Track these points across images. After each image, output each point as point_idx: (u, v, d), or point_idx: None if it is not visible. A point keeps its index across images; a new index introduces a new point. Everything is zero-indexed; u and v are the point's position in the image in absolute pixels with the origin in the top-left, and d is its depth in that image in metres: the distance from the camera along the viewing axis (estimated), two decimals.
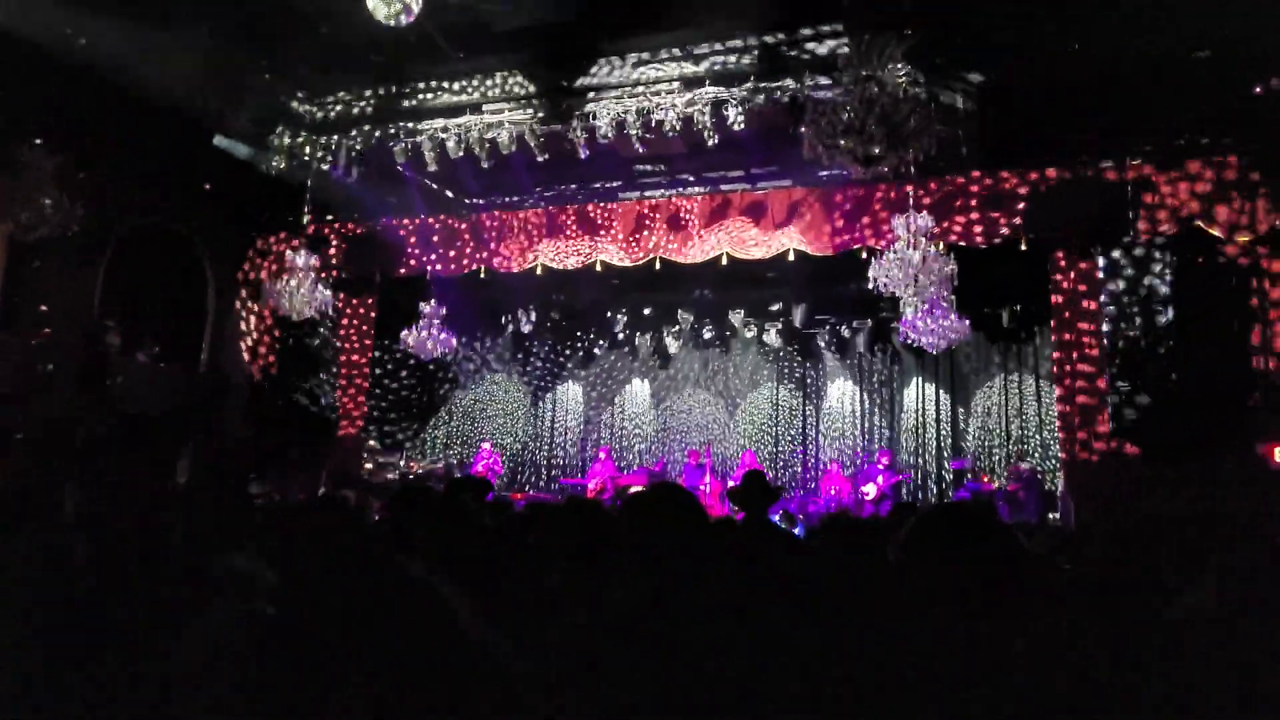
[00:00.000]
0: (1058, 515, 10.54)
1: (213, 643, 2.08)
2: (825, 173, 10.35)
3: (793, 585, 2.46)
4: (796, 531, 9.28)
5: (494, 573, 2.80)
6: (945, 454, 13.52)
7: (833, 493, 12.83)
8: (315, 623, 1.84)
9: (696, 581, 2.13)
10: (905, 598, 2.03)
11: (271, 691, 1.80)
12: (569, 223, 11.52)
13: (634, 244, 11.18)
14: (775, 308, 13.92)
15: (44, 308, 10.15)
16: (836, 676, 1.85)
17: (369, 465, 13.29)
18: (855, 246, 10.21)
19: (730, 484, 11.93)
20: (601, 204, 11.51)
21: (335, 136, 10.83)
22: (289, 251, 11.26)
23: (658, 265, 11.20)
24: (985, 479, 12.36)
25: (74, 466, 8.37)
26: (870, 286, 8.96)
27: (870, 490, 12.51)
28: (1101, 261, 9.64)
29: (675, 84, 9.59)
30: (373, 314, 12.98)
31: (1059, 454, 10.94)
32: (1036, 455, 12.81)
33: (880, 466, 12.80)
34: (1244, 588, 2.30)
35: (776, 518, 9.59)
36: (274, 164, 10.88)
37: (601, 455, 14.16)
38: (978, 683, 1.78)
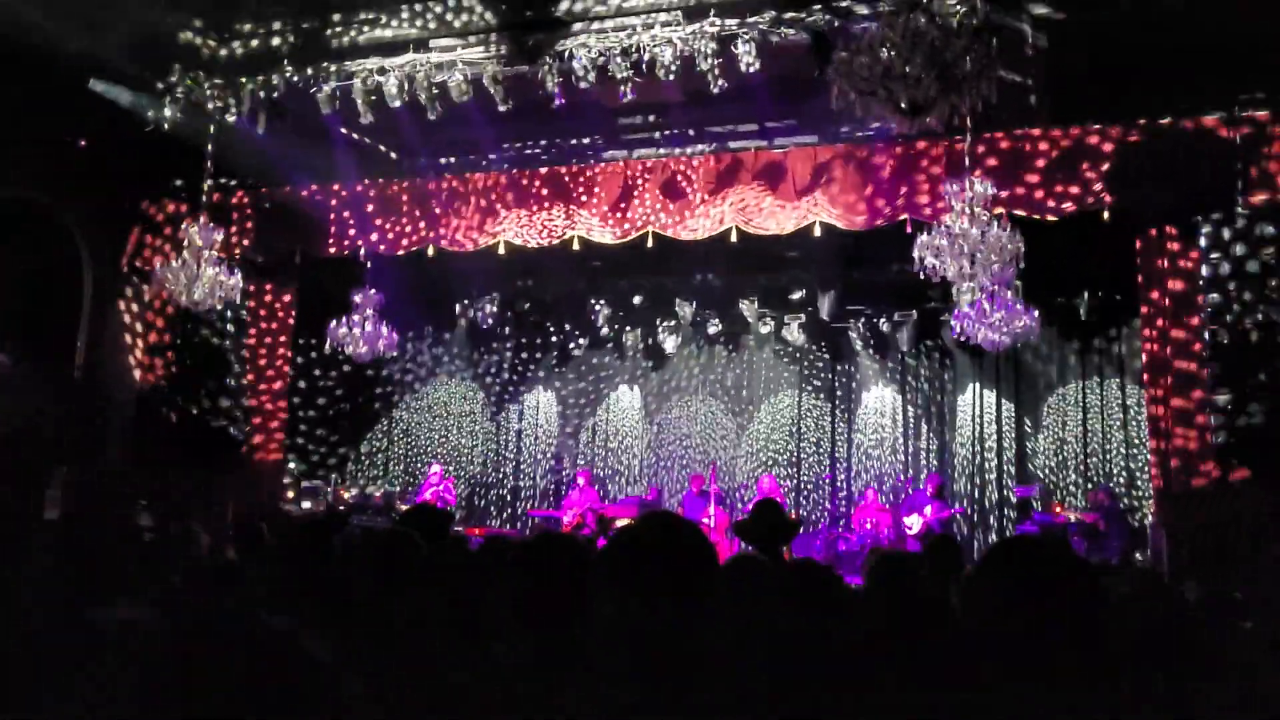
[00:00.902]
0: (1146, 554, 10.61)
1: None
2: (860, 127, 10.34)
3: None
4: None
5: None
6: (1008, 478, 13.54)
7: (868, 526, 12.86)
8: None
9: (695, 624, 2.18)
10: (961, 647, 2.11)
11: None
12: (539, 189, 11.49)
13: (620, 216, 11.17)
14: (797, 296, 13.89)
15: None
16: None
17: (289, 493, 13.35)
18: (897, 219, 10.23)
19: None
20: (580, 166, 11.49)
21: (244, 80, 10.74)
22: (186, 226, 11.16)
23: (650, 242, 11.19)
24: (1057, 509, 12.40)
25: None
26: (916, 269, 8.97)
27: (914, 524, 12.57)
28: (1204, 238, 9.67)
29: (673, 14, 9.57)
30: (292, 305, 12.94)
31: (1150, 478, 10.97)
32: (1121, 480, 12.85)
33: (928, 494, 12.85)
34: None
35: None
36: (167, 115, 10.80)
37: (580, 480, 14.11)
38: None
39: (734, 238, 10.85)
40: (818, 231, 10.60)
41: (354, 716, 2.07)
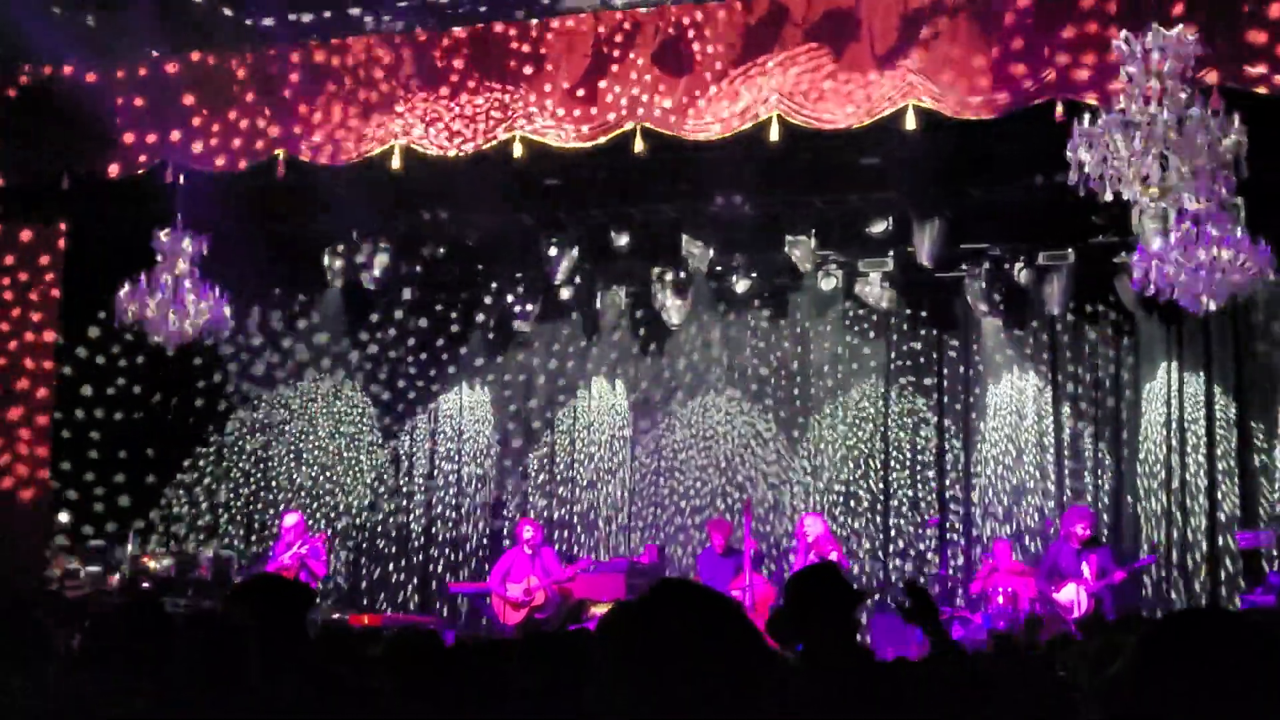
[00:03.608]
0: None
1: None
2: None
3: None
4: None
5: None
6: (1225, 517, 13.56)
7: (1000, 600, 12.85)
8: None
9: None
10: None
11: None
12: (456, 62, 11.56)
13: (589, 102, 11.22)
14: (879, 229, 13.87)
15: None
16: None
17: (60, 562, 13.26)
18: (1040, 100, 10.24)
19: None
20: (522, 21, 11.51)
21: None
22: None
23: (639, 145, 11.23)
24: None
25: None
26: (1071, 181, 9.01)
27: (1075, 599, 12.55)
28: None
29: None
30: (59, 256, 13.01)
31: None
32: None
33: (1075, 545, 12.77)
34: None
35: None
36: None
37: (529, 533, 14.02)
38: None
39: (775, 135, 10.86)
40: (911, 123, 10.63)
41: None
